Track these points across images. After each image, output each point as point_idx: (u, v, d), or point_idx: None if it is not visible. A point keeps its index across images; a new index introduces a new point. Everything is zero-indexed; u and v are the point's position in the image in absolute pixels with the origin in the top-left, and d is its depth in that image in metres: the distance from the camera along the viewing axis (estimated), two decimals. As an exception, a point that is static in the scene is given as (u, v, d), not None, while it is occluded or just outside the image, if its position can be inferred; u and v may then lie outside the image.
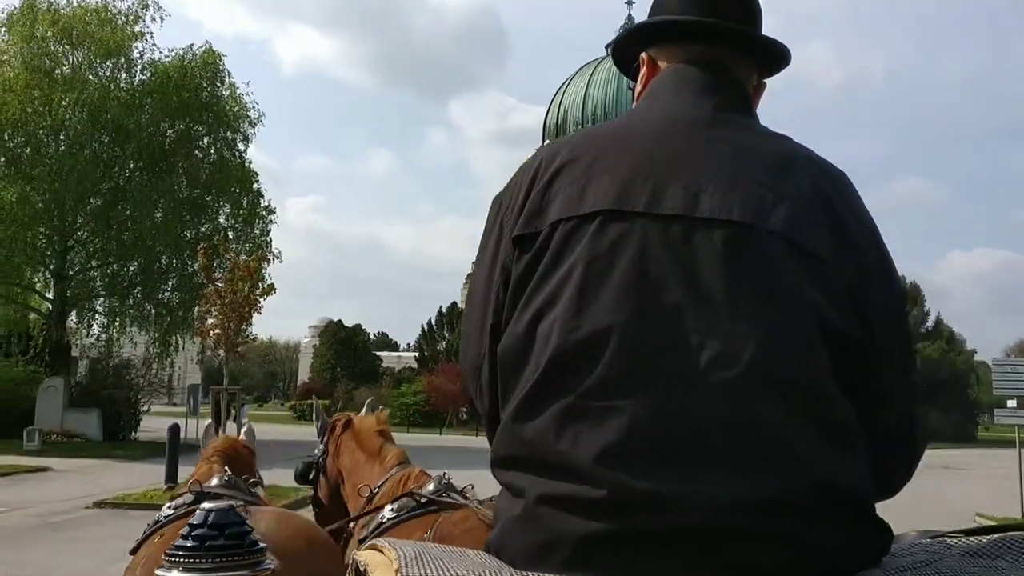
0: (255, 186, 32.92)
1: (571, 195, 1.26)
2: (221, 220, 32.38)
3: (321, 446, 3.25)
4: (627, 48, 1.53)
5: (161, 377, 36.42)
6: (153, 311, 31.61)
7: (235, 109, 32.23)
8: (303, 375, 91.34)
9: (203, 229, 31.02)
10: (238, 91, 32.39)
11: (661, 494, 1.05)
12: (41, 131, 28.82)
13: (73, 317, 32.14)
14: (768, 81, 1.51)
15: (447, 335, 59.10)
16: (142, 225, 28.99)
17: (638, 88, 1.48)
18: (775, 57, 1.47)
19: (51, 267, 30.62)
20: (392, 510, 2.48)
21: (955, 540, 1.21)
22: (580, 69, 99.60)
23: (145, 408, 31.22)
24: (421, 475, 2.90)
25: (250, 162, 33.30)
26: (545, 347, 1.17)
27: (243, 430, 3.60)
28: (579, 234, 1.22)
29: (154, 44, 31.84)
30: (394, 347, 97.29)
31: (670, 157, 1.26)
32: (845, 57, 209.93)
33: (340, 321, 73.15)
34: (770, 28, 1.49)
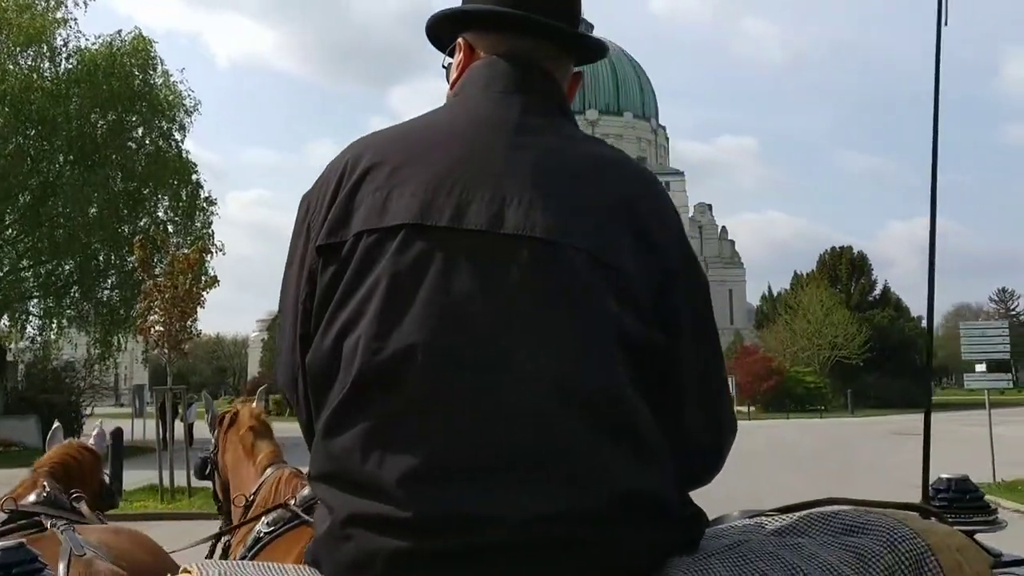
0: (194, 177, 31.61)
1: (374, 205, 1.24)
2: (160, 214, 31.25)
3: (213, 441, 3.20)
4: (443, 28, 1.48)
5: (104, 379, 35.21)
6: (92, 310, 30.28)
7: (169, 98, 30.95)
8: (253, 370, 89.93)
9: (141, 223, 29.80)
10: (171, 79, 31.15)
11: (465, 513, 1.08)
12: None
13: (5, 320, 30.85)
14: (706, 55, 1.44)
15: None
16: (75, 221, 27.71)
17: (453, 73, 1.45)
18: (590, 51, 1.47)
19: (-22, 269, 29.23)
20: (267, 524, 2.39)
21: (768, 519, 1.28)
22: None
23: (88, 411, 30.07)
24: (292, 477, 2.82)
25: (188, 152, 32.08)
26: (351, 365, 1.17)
27: (94, 432, 3.40)
28: (383, 248, 1.21)
29: (79, 31, 30.30)
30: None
31: (475, 165, 1.24)
32: (786, 31, 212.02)
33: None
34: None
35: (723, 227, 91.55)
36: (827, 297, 54.44)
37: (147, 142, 30.84)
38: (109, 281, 30.60)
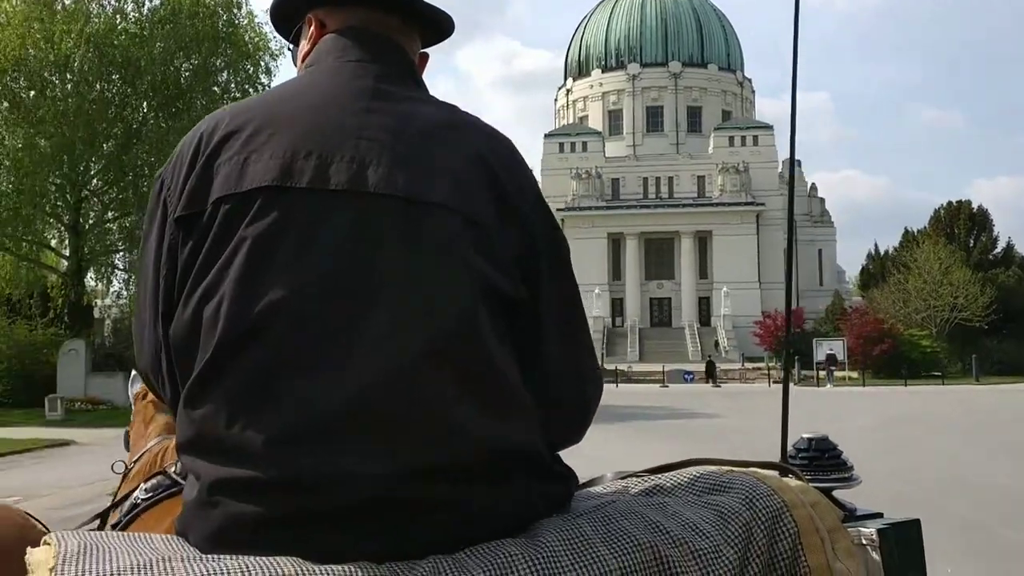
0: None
1: (231, 171, 1.21)
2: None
3: (132, 416, 2.98)
4: (292, 5, 1.47)
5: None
6: (178, 265, 29.06)
7: (255, 40, 29.25)
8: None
9: (227, 173, 28.32)
10: (256, 20, 29.42)
11: (329, 473, 1.08)
12: (44, 70, 26.10)
13: (91, 274, 29.82)
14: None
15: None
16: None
17: (303, 48, 1.44)
18: (438, 27, 1.47)
19: (65, 220, 28.24)
20: (145, 490, 2.06)
21: (638, 480, 1.32)
22: (601, 3, 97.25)
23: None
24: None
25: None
26: (212, 332, 1.15)
27: None
28: (242, 213, 1.18)
29: (162, -30, 28.75)
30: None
31: (333, 129, 1.23)
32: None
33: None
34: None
35: (812, 184, 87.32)
36: (945, 255, 51.12)
37: (232, 86, 29.24)
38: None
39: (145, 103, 28.04)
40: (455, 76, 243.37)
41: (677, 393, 36.68)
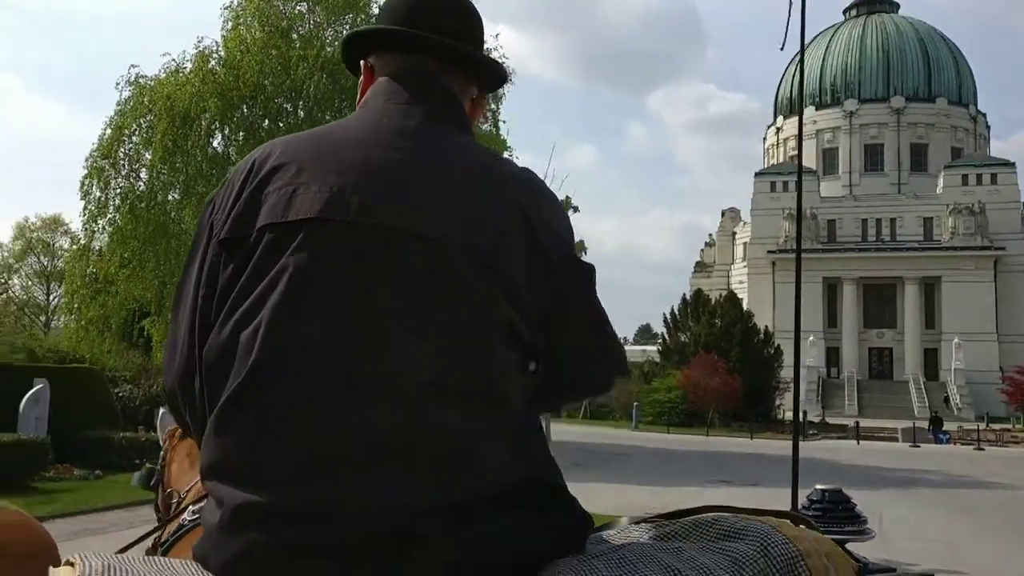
0: (504, 155, 28.94)
1: (278, 201, 1.26)
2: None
3: (162, 453, 2.96)
4: (348, 55, 1.54)
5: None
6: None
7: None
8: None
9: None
10: (485, 45, 28.62)
11: (349, 504, 1.09)
12: (279, 96, 26.24)
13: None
14: None
15: (691, 325, 53.68)
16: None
17: (359, 96, 1.49)
18: (491, 75, 1.52)
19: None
20: (192, 512, 2.09)
21: (654, 524, 1.30)
22: (816, 37, 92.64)
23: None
24: None
25: (504, 121, 29.46)
26: (247, 357, 1.18)
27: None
28: (285, 242, 1.23)
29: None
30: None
31: (379, 168, 1.27)
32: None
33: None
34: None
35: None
36: None
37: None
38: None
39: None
40: (644, 119, 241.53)
41: (934, 454, 32.32)
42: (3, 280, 57.64)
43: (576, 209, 19.17)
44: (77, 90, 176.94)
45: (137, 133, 25.85)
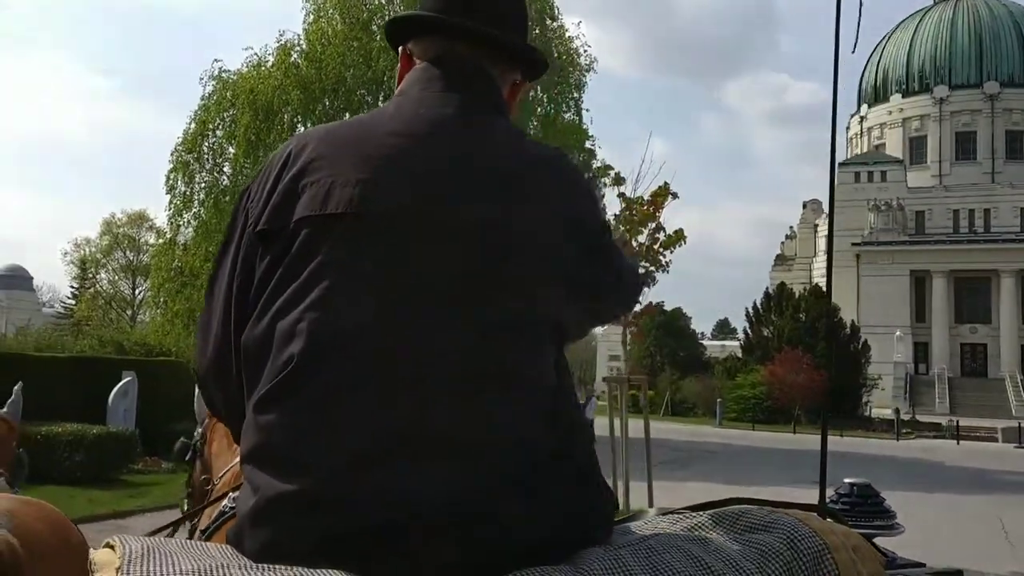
0: (587, 145, 28.13)
1: (317, 193, 1.26)
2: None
3: (199, 430, 3.05)
4: (390, 40, 1.55)
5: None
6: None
7: (564, 57, 27.77)
8: (601, 363, 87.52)
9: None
10: (567, 33, 28.01)
11: (395, 491, 1.10)
12: (360, 88, 26.06)
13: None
14: None
15: (774, 319, 52.14)
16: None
17: (397, 81, 1.49)
18: (532, 62, 1.51)
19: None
20: (232, 499, 2.09)
21: (681, 516, 1.32)
22: (902, 22, 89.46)
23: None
24: None
25: (587, 110, 28.72)
26: (287, 346, 1.19)
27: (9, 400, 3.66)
28: (324, 235, 1.23)
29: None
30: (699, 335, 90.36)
31: (417, 158, 1.27)
32: None
33: (661, 303, 66.24)
34: None
35: None
36: None
37: (547, 102, 27.74)
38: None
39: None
40: (716, 111, 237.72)
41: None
42: (91, 275, 59.20)
43: (675, 196, 18.67)
44: (164, 86, 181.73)
45: (221, 127, 26.03)
